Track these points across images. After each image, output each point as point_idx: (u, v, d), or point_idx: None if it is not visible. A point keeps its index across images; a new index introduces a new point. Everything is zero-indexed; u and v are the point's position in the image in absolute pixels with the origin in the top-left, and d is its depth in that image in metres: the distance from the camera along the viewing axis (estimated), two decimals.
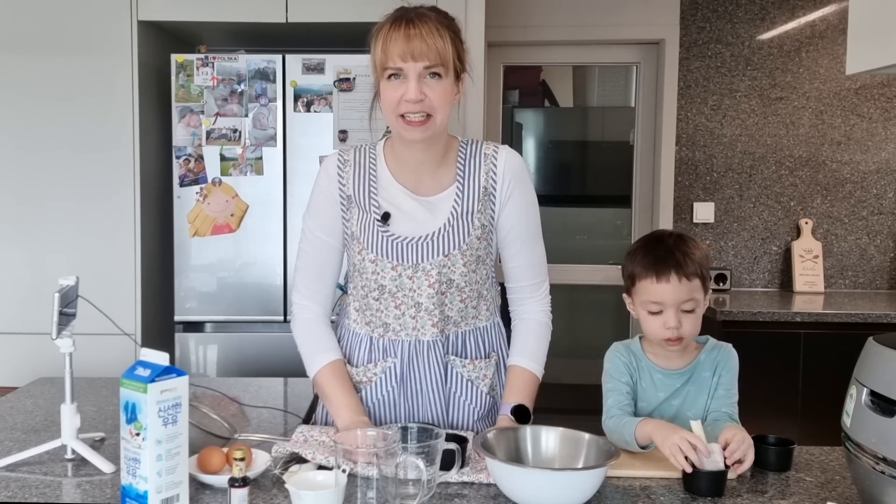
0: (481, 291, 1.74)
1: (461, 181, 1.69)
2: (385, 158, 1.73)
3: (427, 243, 1.66)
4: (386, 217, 1.67)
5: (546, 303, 1.81)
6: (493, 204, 1.70)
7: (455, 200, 1.69)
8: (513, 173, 1.71)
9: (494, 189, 1.70)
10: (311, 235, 1.75)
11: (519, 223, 1.73)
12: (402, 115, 1.59)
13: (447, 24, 1.61)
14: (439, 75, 1.58)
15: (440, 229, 1.67)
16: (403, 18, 1.58)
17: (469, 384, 1.75)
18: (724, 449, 1.48)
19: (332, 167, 1.73)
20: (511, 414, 1.69)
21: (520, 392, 1.73)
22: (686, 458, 1.44)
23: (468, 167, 1.70)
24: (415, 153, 1.68)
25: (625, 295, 1.76)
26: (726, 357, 1.74)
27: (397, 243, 1.67)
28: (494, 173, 1.70)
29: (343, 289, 1.82)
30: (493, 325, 1.80)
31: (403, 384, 1.73)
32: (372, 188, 1.70)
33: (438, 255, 1.66)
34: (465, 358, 1.74)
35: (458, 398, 1.74)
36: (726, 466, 1.45)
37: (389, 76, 1.59)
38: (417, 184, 1.70)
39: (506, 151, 1.73)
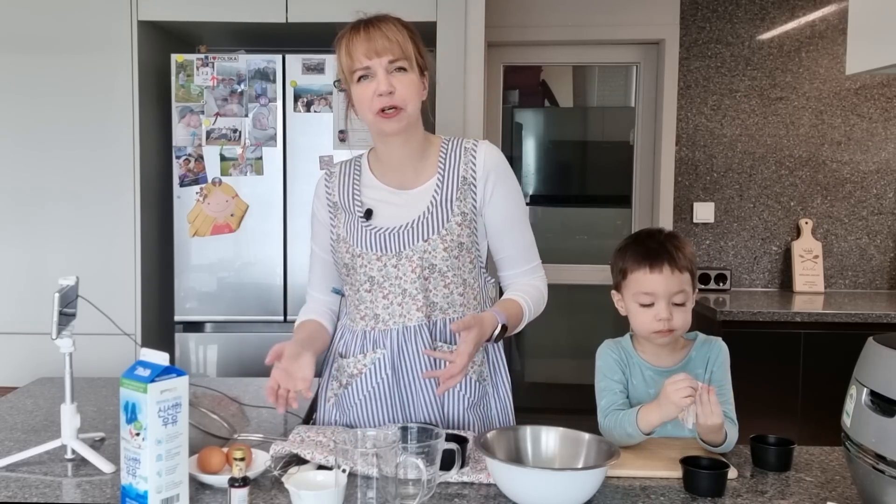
0: (465, 279, 1.77)
1: (441, 173, 1.76)
2: (370, 164, 1.82)
3: (407, 231, 1.72)
4: (369, 214, 1.75)
5: (543, 279, 1.86)
6: (475, 194, 1.76)
7: (435, 190, 1.75)
8: (493, 166, 1.77)
9: (475, 180, 1.76)
10: (314, 253, 1.88)
11: (506, 214, 1.79)
12: (377, 112, 1.66)
13: (404, 24, 1.71)
14: (404, 69, 1.67)
15: (419, 217, 1.73)
16: (362, 23, 1.70)
17: None
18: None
19: (320, 187, 1.85)
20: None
21: (505, 309, 1.73)
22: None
23: (449, 160, 1.77)
24: (394, 150, 1.75)
25: (613, 292, 1.78)
26: (717, 351, 1.75)
27: (379, 235, 1.73)
28: (474, 164, 1.76)
29: (339, 292, 1.87)
30: None
31: (395, 374, 1.75)
32: (356, 191, 1.79)
33: (419, 241, 1.71)
34: (454, 344, 1.75)
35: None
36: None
37: (359, 78, 1.67)
38: (402, 180, 1.78)
39: (485, 145, 1.79)
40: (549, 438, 1.52)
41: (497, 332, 1.67)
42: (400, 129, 1.69)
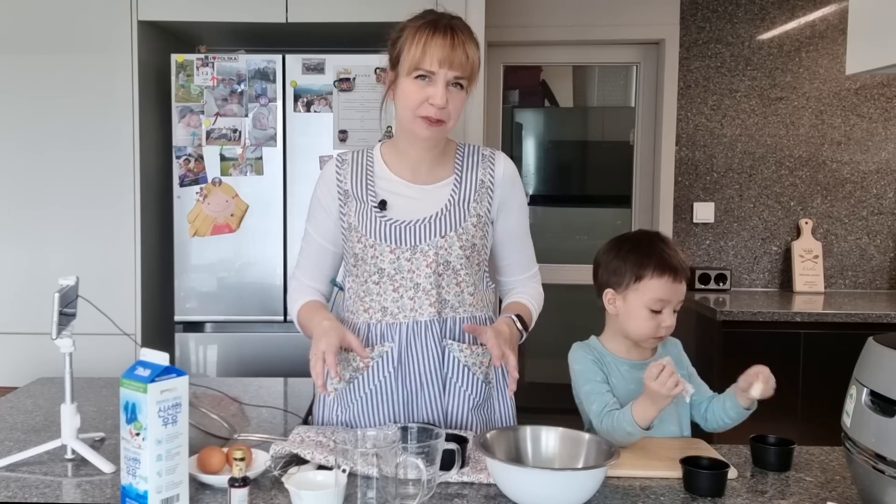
0: (476, 282, 1.79)
1: (459, 174, 1.78)
2: (382, 155, 1.81)
3: (424, 225, 1.73)
4: (383, 204, 1.75)
5: (540, 283, 1.93)
6: (490, 199, 1.78)
7: (453, 189, 1.77)
8: (510, 179, 1.81)
9: (492, 185, 1.78)
10: (309, 237, 1.85)
11: (518, 224, 1.85)
12: (422, 116, 1.66)
13: (474, 37, 1.69)
14: (462, 86, 1.66)
15: (438, 213, 1.74)
16: (445, 26, 1.65)
17: (465, 370, 1.76)
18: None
19: (329, 170, 1.82)
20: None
21: (518, 309, 1.81)
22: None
23: (466, 163, 1.80)
24: (417, 150, 1.76)
25: (609, 291, 1.77)
26: (678, 347, 1.85)
27: (395, 227, 1.73)
28: (493, 172, 1.79)
29: (338, 285, 1.85)
30: (488, 319, 1.84)
31: (401, 368, 1.74)
32: (369, 181, 1.78)
33: (435, 237, 1.72)
34: (463, 342, 1.77)
35: (455, 384, 1.76)
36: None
37: (417, 76, 1.64)
38: (414, 175, 1.78)
39: (503, 156, 1.83)
40: (549, 438, 1.52)
41: (519, 327, 1.76)
42: (434, 138, 1.71)
